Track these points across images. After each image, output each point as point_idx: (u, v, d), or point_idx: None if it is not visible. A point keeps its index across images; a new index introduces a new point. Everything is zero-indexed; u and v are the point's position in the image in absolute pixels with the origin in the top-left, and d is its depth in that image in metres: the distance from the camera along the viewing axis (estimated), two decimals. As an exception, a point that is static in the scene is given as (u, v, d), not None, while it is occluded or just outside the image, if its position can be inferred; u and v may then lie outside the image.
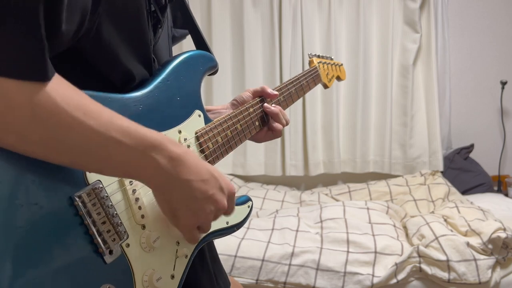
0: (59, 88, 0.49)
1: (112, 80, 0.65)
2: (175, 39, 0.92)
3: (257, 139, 0.97)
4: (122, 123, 0.55)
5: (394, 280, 1.81)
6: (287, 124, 0.97)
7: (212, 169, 0.65)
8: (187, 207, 0.62)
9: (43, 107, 0.48)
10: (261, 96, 0.95)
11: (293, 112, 2.93)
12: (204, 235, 0.74)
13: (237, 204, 0.84)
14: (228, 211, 0.69)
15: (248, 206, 0.87)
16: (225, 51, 2.95)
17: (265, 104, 0.94)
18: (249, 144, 2.86)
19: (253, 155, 2.98)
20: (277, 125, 0.95)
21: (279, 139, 2.94)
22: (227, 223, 0.82)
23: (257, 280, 1.84)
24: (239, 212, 0.84)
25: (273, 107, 0.94)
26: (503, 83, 3.03)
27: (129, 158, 0.55)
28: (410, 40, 2.93)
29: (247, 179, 3.04)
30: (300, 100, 2.91)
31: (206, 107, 0.84)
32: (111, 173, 0.58)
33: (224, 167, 2.96)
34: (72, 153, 0.52)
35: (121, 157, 0.55)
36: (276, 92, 0.96)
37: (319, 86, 1.22)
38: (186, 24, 0.88)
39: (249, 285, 1.83)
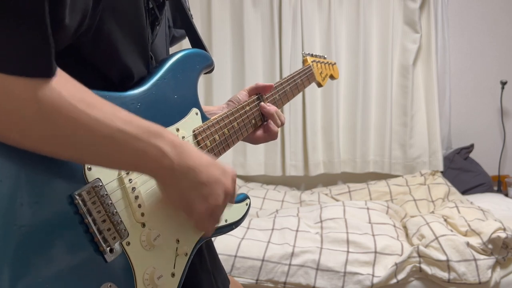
0: (63, 83, 0.49)
1: (110, 77, 0.65)
2: (175, 39, 0.92)
3: (253, 140, 0.96)
4: (123, 115, 0.55)
5: (394, 280, 1.81)
6: (282, 124, 0.97)
7: (209, 156, 0.66)
8: (198, 193, 0.63)
9: (49, 103, 0.47)
10: (257, 92, 0.94)
11: (293, 112, 2.93)
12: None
13: (235, 202, 0.85)
14: (233, 196, 0.69)
15: (246, 204, 0.87)
16: (225, 51, 2.94)
17: (262, 104, 0.94)
18: (249, 144, 2.86)
19: (253, 155, 2.98)
20: (272, 126, 0.95)
21: (279, 139, 2.94)
22: (226, 220, 0.82)
23: (257, 280, 1.84)
24: (237, 210, 0.85)
25: (268, 107, 0.93)
26: (503, 83, 3.03)
27: (135, 147, 0.55)
28: (410, 40, 2.93)
29: (247, 179, 3.04)
30: (300, 100, 2.92)
31: (202, 107, 0.84)
32: (119, 166, 0.59)
33: (224, 167, 2.95)
34: (79, 147, 0.52)
35: (128, 147, 0.55)
36: (270, 83, 0.96)
37: (315, 86, 1.22)
38: (182, 22, 0.87)
39: (249, 285, 1.83)
